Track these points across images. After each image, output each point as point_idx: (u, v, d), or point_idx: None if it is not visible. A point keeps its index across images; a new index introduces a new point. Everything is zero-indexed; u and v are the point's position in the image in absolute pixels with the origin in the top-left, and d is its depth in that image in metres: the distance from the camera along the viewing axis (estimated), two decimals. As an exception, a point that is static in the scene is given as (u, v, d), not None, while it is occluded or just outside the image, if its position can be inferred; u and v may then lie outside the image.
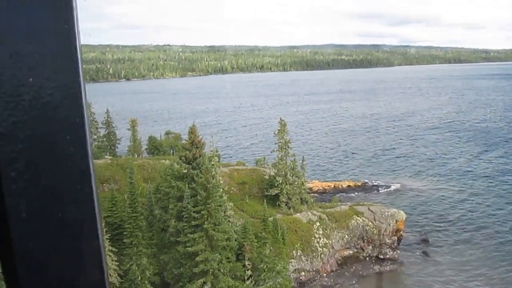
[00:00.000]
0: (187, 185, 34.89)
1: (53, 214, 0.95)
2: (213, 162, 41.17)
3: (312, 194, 55.74)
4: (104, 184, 44.19)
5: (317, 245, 45.31)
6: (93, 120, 67.04)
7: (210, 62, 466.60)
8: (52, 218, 0.95)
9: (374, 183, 68.37)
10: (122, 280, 34.97)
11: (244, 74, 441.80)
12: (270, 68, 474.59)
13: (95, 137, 67.07)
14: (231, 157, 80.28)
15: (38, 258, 0.95)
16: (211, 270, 32.83)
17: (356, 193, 65.06)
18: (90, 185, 1.00)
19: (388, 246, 48.27)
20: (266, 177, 51.65)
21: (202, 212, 33.16)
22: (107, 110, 69.13)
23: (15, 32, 0.87)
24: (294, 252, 43.40)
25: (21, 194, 0.91)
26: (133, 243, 33.75)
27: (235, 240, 35.97)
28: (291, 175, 49.38)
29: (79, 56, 0.96)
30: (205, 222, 32.86)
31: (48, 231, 0.95)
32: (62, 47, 0.92)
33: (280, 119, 50.42)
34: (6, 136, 0.89)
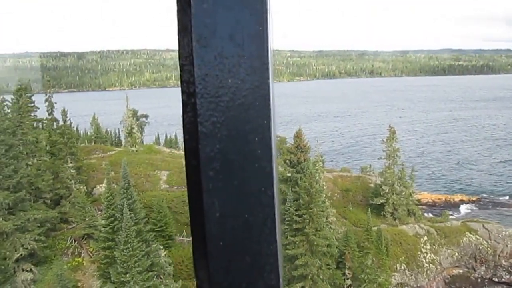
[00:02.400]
0: (290, 188, 34.98)
1: (241, 215, 0.97)
2: (317, 167, 40.86)
3: (420, 206, 52.86)
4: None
5: (423, 260, 42.93)
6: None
7: (317, 67, 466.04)
8: (239, 219, 0.97)
9: (493, 199, 62.93)
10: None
11: (352, 79, 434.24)
12: (380, 73, 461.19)
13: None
14: (338, 162, 79.10)
15: (227, 258, 0.97)
16: (310, 275, 32.56)
17: (470, 208, 60.41)
18: (272, 188, 0.99)
19: (504, 269, 44.26)
20: (372, 185, 50.17)
21: (304, 216, 33.05)
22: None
23: (219, 34, 0.90)
24: (397, 265, 41.51)
25: (216, 193, 0.94)
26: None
27: (336, 247, 35.36)
28: (399, 184, 47.28)
29: (269, 58, 0.97)
30: (307, 227, 32.68)
31: (236, 231, 0.97)
32: (256, 49, 0.94)
33: (389, 126, 48.59)
34: (207, 135, 0.92)
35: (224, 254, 0.96)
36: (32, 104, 45.18)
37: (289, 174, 37.92)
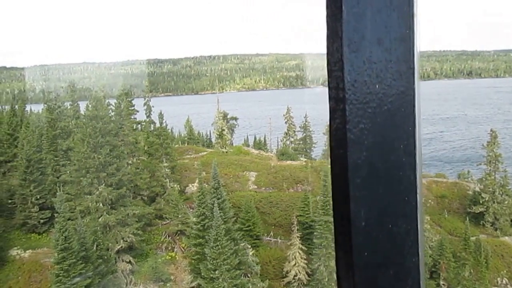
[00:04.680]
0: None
1: (385, 226, 0.95)
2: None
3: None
4: (298, 185, 46.03)
5: (529, 275, 39.44)
6: (291, 124, 70.61)
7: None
8: (384, 230, 0.95)
9: None
10: (309, 279, 35.89)
11: (449, 80, 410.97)
12: (480, 74, 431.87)
13: (292, 139, 70.44)
14: (436, 167, 75.42)
15: (371, 270, 0.95)
16: (400, 283, 31.38)
17: None
18: (416, 197, 0.97)
19: None
20: (470, 192, 47.08)
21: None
22: (305, 115, 71.89)
23: (368, 38, 0.89)
24: (498, 279, 38.56)
25: (362, 202, 0.92)
26: (322, 244, 34.33)
27: (430, 256, 33.71)
28: (501, 193, 43.95)
29: (416, 63, 0.94)
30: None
31: (380, 242, 0.95)
32: (403, 53, 0.92)
33: (491, 130, 45.40)
34: (355, 142, 0.91)
35: (369, 265, 0.94)
36: (132, 108, 48.45)
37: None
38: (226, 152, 55.17)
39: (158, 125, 47.44)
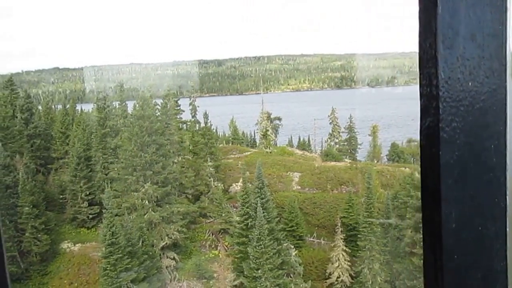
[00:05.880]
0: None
1: (475, 228, 0.93)
2: None
3: None
4: (342, 186, 45.42)
5: None
6: (335, 125, 69.79)
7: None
8: (473, 232, 0.93)
9: None
10: (353, 281, 35.34)
11: None
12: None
13: (337, 140, 69.59)
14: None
15: (460, 273, 0.93)
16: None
17: None
18: (505, 199, 0.94)
19: None
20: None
21: None
22: (350, 116, 70.90)
23: (462, 34, 0.87)
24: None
25: (454, 203, 0.91)
26: (366, 247, 33.71)
27: None
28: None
29: (508, 60, 0.92)
30: None
31: (469, 245, 0.93)
32: (495, 49, 0.90)
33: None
34: (447, 141, 0.89)
35: (458, 268, 0.92)
36: (178, 108, 49.39)
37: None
38: (270, 152, 55.21)
39: (203, 124, 48.13)
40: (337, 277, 35.63)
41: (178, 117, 49.56)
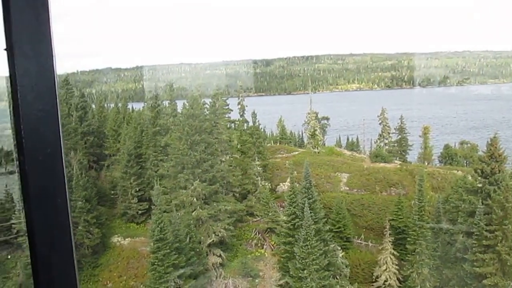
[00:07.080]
0: (481, 201, 31.72)
1: None
2: (515, 179, 36.13)
3: None
4: (392, 188, 44.42)
5: None
6: (385, 125, 68.30)
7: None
8: None
9: None
10: (401, 285, 34.54)
11: None
12: None
13: (386, 141, 68.09)
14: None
15: None
16: (502, 298, 29.07)
17: None
18: None
19: None
20: None
21: (496, 232, 29.66)
22: (401, 116, 69.20)
23: None
24: None
25: None
26: (415, 251, 32.85)
27: (537, 271, 30.79)
28: None
29: None
30: (499, 244, 29.28)
31: None
32: None
33: None
34: None
35: None
36: (227, 107, 49.96)
37: (480, 185, 34.37)
38: (318, 152, 54.79)
39: (251, 124, 48.40)
40: (384, 281, 34.92)
41: (227, 116, 50.13)
